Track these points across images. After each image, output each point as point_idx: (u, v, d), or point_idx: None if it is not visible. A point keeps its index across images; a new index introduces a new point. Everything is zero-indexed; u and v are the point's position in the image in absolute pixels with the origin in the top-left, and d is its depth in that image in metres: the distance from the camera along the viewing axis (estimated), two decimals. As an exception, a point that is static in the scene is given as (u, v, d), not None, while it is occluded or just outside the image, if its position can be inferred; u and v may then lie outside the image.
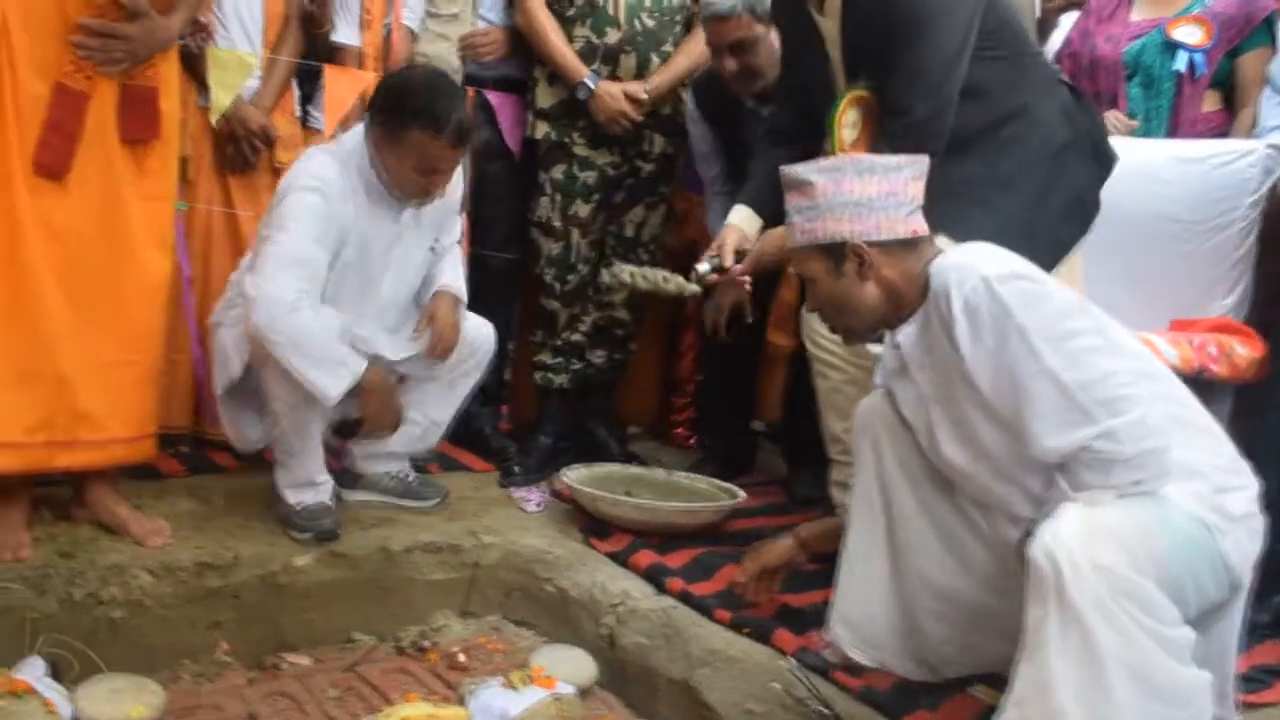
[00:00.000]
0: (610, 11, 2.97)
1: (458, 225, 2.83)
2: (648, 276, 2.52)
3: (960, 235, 1.93)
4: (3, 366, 2.16)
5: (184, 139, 2.73)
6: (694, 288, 2.48)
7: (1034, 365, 1.60)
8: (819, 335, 2.40)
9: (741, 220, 2.47)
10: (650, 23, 2.99)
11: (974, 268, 1.66)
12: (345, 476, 2.75)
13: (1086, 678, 1.50)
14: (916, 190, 1.79)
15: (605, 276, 2.90)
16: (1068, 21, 3.41)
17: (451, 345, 2.64)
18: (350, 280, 2.52)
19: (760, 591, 2.19)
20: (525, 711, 2.02)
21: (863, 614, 1.93)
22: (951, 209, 1.99)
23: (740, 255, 2.42)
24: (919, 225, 1.79)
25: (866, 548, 1.93)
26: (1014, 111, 2.19)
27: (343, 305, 2.50)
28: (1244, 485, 1.66)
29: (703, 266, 2.43)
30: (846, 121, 2.23)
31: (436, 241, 2.71)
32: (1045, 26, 3.51)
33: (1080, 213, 2.27)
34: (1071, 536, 1.53)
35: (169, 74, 2.38)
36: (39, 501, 2.38)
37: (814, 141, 2.47)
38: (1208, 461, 1.65)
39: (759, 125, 2.92)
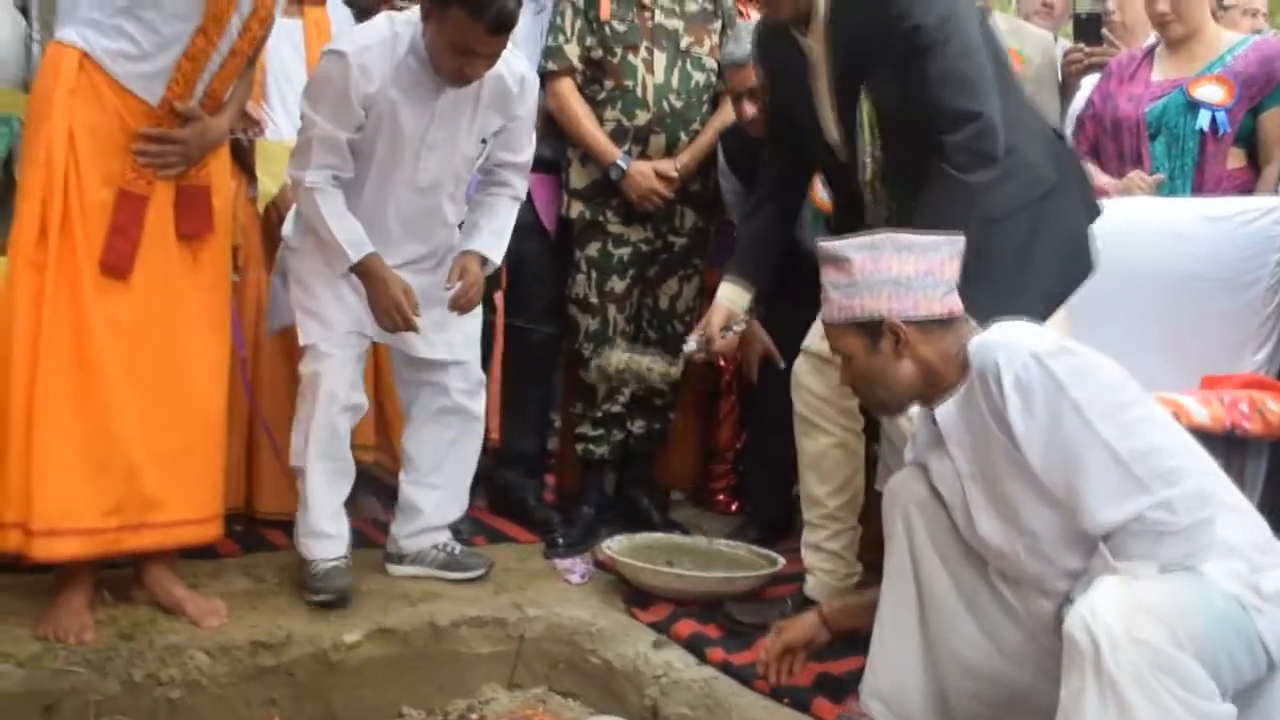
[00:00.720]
0: (639, 94, 3.07)
1: (529, 142, 2.82)
2: (631, 367, 2.59)
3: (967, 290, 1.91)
4: (78, 459, 2.26)
5: (235, 230, 2.86)
6: (676, 372, 2.54)
7: (1089, 438, 1.62)
8: (810, 395, 2.43)
9: (728, 296, 2.50)
10: (678, 103, 3.09)
11: (1022, 345, 1.70)
12: (392, 553, 2.82)
13: None
14: (953, 270, 1.82)
15: (593, 371, 2.99)
16: (1089, 84, 3.46)
17: (474, 304, 2.72)
18: (381, 145, 2.58)
19: (783, 672, 2.18)
20: (571, 783, 2.06)
21: (895, 688, 1.94)
22: None
23: (727, 330, 2.46)
24: (955, 305, 1.82)
25: (898, 622, 1.94)
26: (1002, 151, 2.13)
27: (373, 170, 2.60)
28: (1278, 564, 1.65)
29: (689, 346, 2.50)
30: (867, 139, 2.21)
31: (488, 143, 2.71)
32: (1067, 89, 3.56)
33: (1075, 256, 2.25)
34: (1109, 610, 1.54)
35: (219, 170, 2.51)
36: (100, 584, 2.45)
37: (794, 201, 2.56)
38: (1244, 539, 1.66)
39: None
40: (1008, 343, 1.72)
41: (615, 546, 2.84)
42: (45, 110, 2.24)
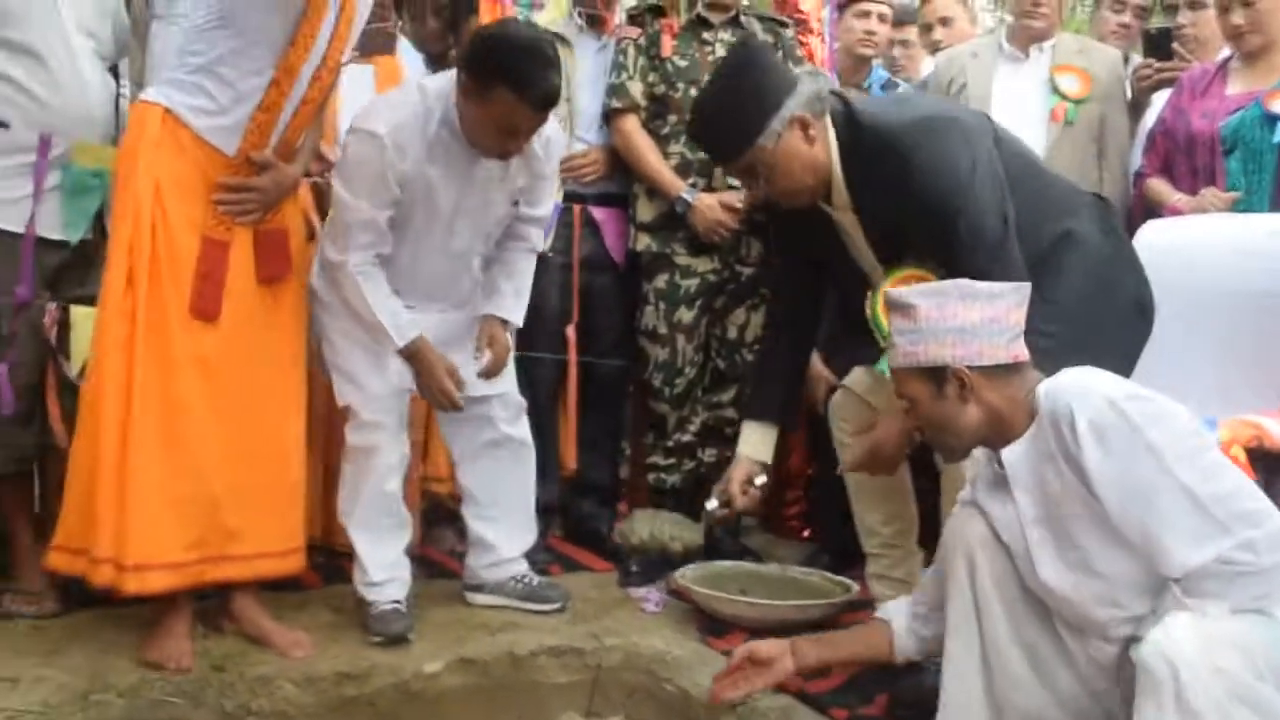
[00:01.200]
0: (703, 127, 3.11)
1: (549, 196, 2.84)
2: (655, 537, 2.60)
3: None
4: (164, 494, 2.35)
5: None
6: (699, 540, 2.56)
7: (1167, 481, 1.63)
8: (846, 424, 2.46)
9: (750, 447, 2.55)
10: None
11: (1096, 390, 1.71)
12: (471, 584, 2.88)
13: None
14: (1019, 317, 1.84)
15: (616, 536, 3.04)
16: (1160, 100, 3.42)
17: (501, 369, 2.75)
18: (417, 217, 2.58)
19: (729, 688, 2.24)
20: (648, 812, 2.08)
21: None
22: None
23: (749, 486, 2.54)
24: (1020, 351, 1.84)
25: (963, 670, 1.93)
26: (1055, 239, 2.21)
27: (408, 241, 2.60)
28: None
29: (711, 504, 2.58)
30: None
31: (519, 204, 2.73)
32: (1137, 106, 3.52)
33: (1140, 315, 2.30)
34: (1188, 640, 1.54)
35: (295, 214, 2.60)
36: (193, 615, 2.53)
37: (808, 331, 2.62)
38: None
39: None
40: (1081, 387, 1.73)
41: (689, 575, 2.86)
42: (132, 164, 2.35)
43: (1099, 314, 2.20)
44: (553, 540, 3.43)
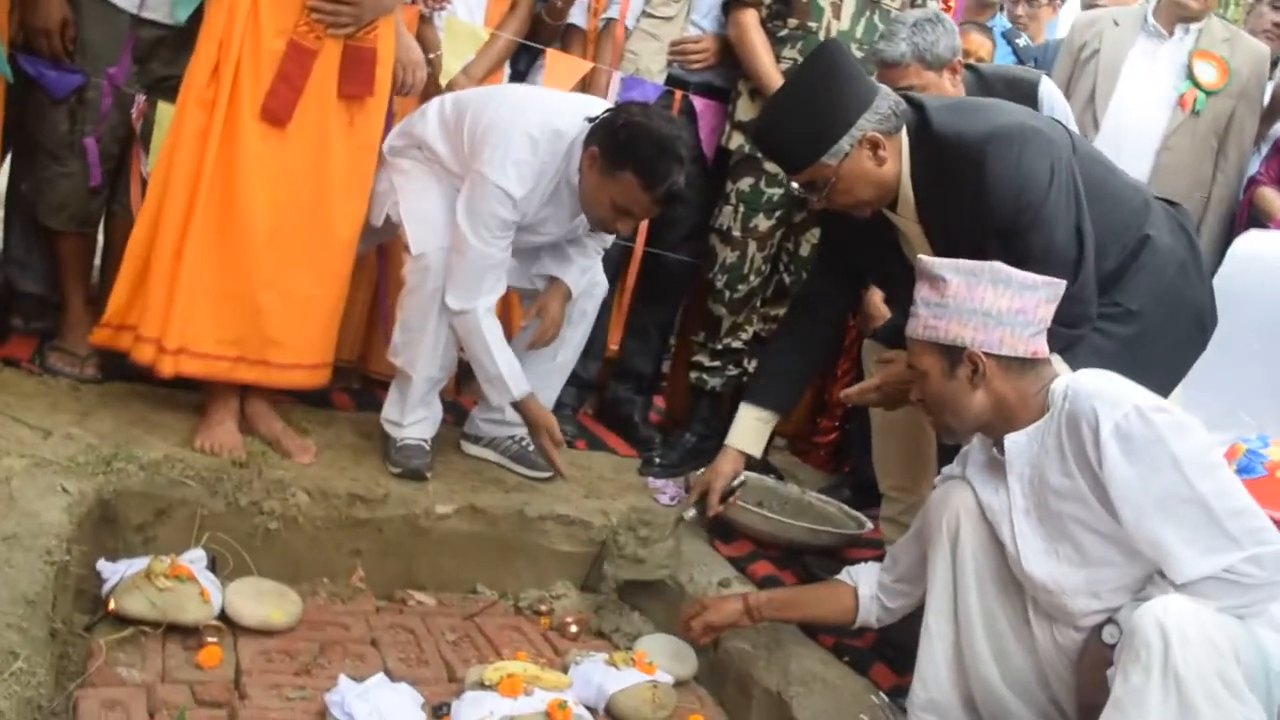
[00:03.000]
0: (821, 37, 3.02)
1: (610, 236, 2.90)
2: None
3: (1074, 361, 1.95)
4: (208, 287, 2.39)
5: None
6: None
7: (1187, 492, 1.64)
8: (876, 368, 2.41)
9: (741, 437, 2.49)
10: (859, 54, 3.01)
11: (1125, 396, 1.70)
12: (468, 433, 2.91)
13: None
14: (1047, 313, 1.81)
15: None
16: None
17: (552, 339, 2.77)
18: (519, 239, 2.67)
19: (702, 639, 2.28)
20: (621, 690, 2.12)
21: (944, 698, 1.96)
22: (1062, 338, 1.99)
23: (727, 493, 2.49)
24: (1041, 347, 1.81)
25: (936, 635, 1.96)
26: (1134, 245, 2.14)
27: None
28: None
29: (690, 514, 2.56)
30: None
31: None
32: (1273, 111, 3.37)
33: (1199, 330, 2.24)
34: (1181, 612, 1.57)
35: (387, 35, 2.55)
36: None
37: (828, 338, 2.60)
38: None
39: None
40: (1107, 392, 1.72)
41: (708, 478, 2.86)
42: None
43: (1161, 326, 2.14)
44: (583, 416, 3.46)
